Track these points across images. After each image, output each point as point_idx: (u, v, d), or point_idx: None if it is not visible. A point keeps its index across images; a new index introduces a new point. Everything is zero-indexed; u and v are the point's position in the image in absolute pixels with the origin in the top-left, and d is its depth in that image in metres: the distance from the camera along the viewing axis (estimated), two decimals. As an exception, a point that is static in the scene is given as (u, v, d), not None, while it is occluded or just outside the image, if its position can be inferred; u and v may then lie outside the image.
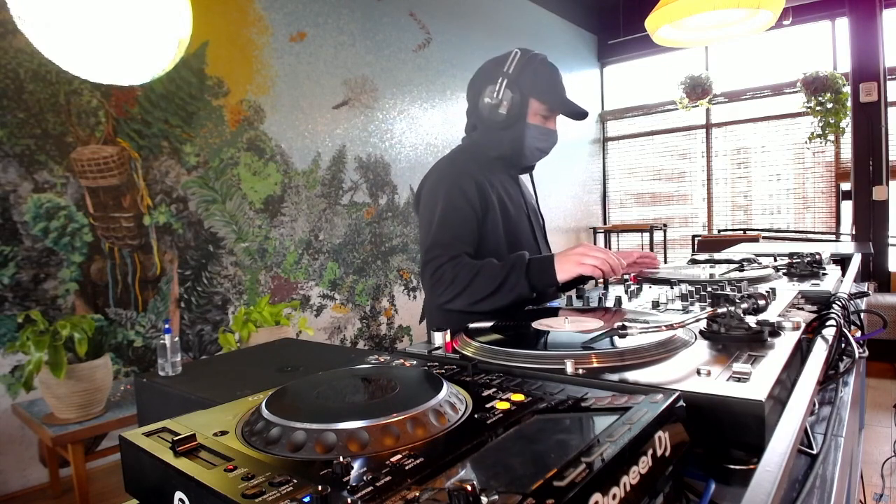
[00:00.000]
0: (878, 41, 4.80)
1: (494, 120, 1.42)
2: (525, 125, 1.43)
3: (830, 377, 0.85)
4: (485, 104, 1.43)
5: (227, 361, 1.42)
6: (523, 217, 1.52)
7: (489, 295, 1.26)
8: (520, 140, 1.44)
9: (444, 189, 1.40)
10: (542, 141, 1.47)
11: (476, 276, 1.27)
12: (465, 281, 1.27)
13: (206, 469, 0.44)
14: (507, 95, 1.39)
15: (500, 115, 1.40)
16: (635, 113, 6.74)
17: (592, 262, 1.22)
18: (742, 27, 2.42)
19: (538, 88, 1.41)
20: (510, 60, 1.42)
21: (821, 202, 5.62)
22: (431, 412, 0.51)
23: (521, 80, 1.40)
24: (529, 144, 1.45)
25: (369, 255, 4.17)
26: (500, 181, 1.49)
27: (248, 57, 3.43)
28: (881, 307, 4.17)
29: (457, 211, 1.37)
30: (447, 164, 1.48)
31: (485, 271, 1.28)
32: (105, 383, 2.32)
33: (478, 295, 1.27)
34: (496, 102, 1.40)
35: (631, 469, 0.42)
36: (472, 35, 5.00)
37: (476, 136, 1.51)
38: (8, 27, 2.45)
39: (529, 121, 1.43)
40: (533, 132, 1.44)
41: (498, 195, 1.45)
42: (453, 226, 1.36)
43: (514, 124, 1.42)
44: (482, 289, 1.26)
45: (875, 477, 2.47)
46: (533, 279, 1.25)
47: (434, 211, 1.39)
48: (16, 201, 2.53)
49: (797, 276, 1.37)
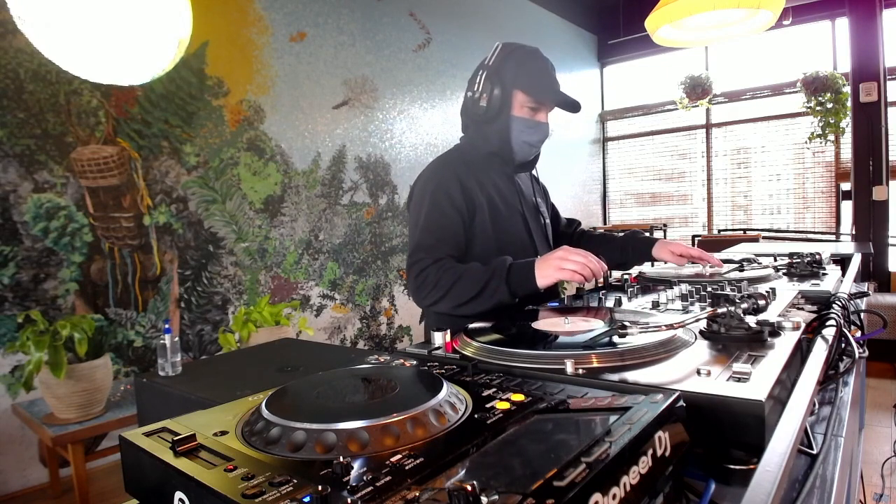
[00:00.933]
0: (878, 41, 4.80)
1: (477, 114, 1.41)
2: (510, 118, 1.40)
3: (830, 377, 0.85)
4: (468, 99, 1.43)
5: (227, 361, 1.42)
6: (516, 217, 1.49)
7: (471, 300, 1.26)
8: (505, 133, 1.42)
9: (430, 192, 1.40)
10: (529, 134, 1.43)
11: (458, 281, 1.27)
12: (447, 285, 1.27)
13: (206, 469, 0.44)
14: (486, 88, 1.38)
15: (480, 108, 1.40)
16: (635, 113, 6.74)
17: (572, 266, 1.17)
18: (742, 27, 2.43)
19: (522, 79, 1.39)
20: (491, 53, 1.41)
21: (821, 202, 5.62)
22: (431, 412, 0.51)
23: (502, 71, 1.38)
24: (516, 138, 1.42)
25: (369, 255, 4.17)
26: (493, 181, 1.47)
27: (248, 57, 3.43)
28: (881, 307, 4.17)
29: (442, 215, 1.36)
30: (436, 166, 1.47)
31: (466, 276, 1.27)
32: (105, 383, 2.32)
33: (460, 299, 1.27)
34: (477, 96, 1.40)
35: (631, 469, 0.42)
36: (472, 35, 5.00)
37: (468, 134, 1.51)
38: (8, 27, 2.45)
39: (515, 113, 1.41)
40: (519, 125, 1.41)
41: (488, 196, 1.43)
42: (437, 229, 1.35)
43: (497, 117, 1.40)
44: (464, 293, 1.26)
45: (875, 477, 2.47)
46: (513, 285, 1.22)
47: (420, 213, 1.39)
48: (16, 201, 2.53)
49: (797, 276, 1.38)
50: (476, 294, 1.25)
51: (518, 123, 1.41)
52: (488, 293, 1.24)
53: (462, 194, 1.39)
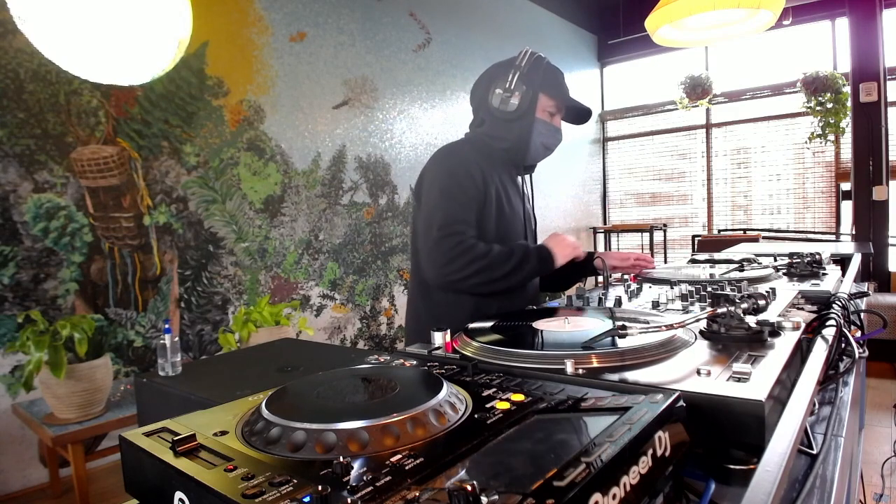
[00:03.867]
0: (878, 41, 4.80)
1: (505, 111, 1.45)
2: (533, 119, 1.46)
3: (830, 377, 0.85)
4: (496, 95, 1.46)
5: (227, 361, 1.42)
6: (518, 219, 1.53)
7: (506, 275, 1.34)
8: (527, 133, 1.47)
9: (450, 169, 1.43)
10: (548, 137, 1.51)
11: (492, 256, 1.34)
12: (484, 260, 1.33)
13: (206, 469, 0.44)
14: (519, 87, 1.43)
15: (511, 106, 1.44)
16: (635, 113, 6.74)
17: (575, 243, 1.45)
18: (742, 27, 2.42)
19: (548, 84, 1.46)
20: (522, 55, 1.46)
21: (821, 202, 5.62)
22: (431, 412, 0.51)
23: (531, 74, 1.44)
24: (535, 140, 1.48)
25: (369, 255, 4.17)
26: (501, 179, 1.50)
27: (248, 57, 3.43)
28: (881, 307, 4.16)
29: (464, 190, 1.41)
30: (453, 148, 1.50)
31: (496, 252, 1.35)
32: (105, 383, 2.32)
33: (494, 273, 1.33)
34: (508, 94, 1.44)
35: (631, 469, 0.42)
36: (472, 35, 5.00)
37: (484, 129, 1.53)
38: (8, 27, 2.45)
39: (538, 115, 1.47)
40: (540, 127, 1.48)
41: (497, 191, 1.47)
42: (463, 203, 1.40)
43: (523, 117, 1.45)
44: (498, 269, 1.34)
45: (875, 477, 2.47)
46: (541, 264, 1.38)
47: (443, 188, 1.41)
48: (16, 201, 2.53)
49: (797, 276, 1.38)
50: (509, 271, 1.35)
51: (540, 126, 1.48)
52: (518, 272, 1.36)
53: (480, 174, 1.43)
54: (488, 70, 1.52)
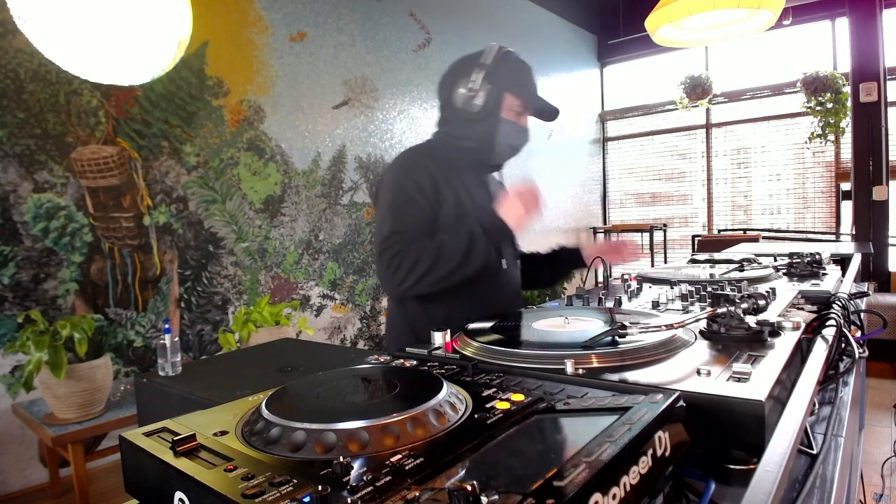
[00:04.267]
0: (878, 41, 4.80)
1: (469, 111, 1.40)
2: (498, 119, 1.41)
3: (830, 377, 0.85)
4: (459, 94, 1.40)
5: (227, 361, 1.42)
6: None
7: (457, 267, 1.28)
8: (491, 134, 1.42)
9: (398, 180, 1.39)
10: (514, 137, 1.45)
11: (440, 252, 1.28)
12: (430, 259, 1.27)
13: (206, 469, 0.44)
14: (484, 86, 1.38)
15: (475, 106, 1.38)
16: (635, 113, 6.74)
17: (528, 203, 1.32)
18: (742, 27, 2.42)
19: (515, 83, 1.41)
20: (488, 53, 1.40)
21: (821, 202, 5.62)
22: (431, 412, 0.51)
23: (498, 73, 1.39)
24: (501, 140, 1.43)
25: (369, 255, 4.17)
26: (462, 180, 1.46)
27: (248, 57, 3.43)
28: (881, 307, 4.16)
29: (411, 203, 1.36)
30: (405, 156, 1.47)
31: (445, 246, 1.29)
32: (105, 383, 2.32)
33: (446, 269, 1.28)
34: (472, 93, 1.38)
35: (631, 469, 0.42)
36: (472, 35, 5.00)
37: (447, 129, 1.50)
38: (8, 27, 2.45)
39: (504, 115, 1.42)
40: (506, 127, 1.42)
41: (455, 194, 1.42)
42: (408, 216, 1.35)
43: (488, 117, 1.40)
44: (449, 262, 1.28)
45: (875, 477, 2.47)
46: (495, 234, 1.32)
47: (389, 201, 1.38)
48: (16, 201, 2.53)
49: (797, 276, 1.38)
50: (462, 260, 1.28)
51: (505, 126, 1.42)
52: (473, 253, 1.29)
53: (430, 184, 1.38)
54: (453, 65, 1.47)
